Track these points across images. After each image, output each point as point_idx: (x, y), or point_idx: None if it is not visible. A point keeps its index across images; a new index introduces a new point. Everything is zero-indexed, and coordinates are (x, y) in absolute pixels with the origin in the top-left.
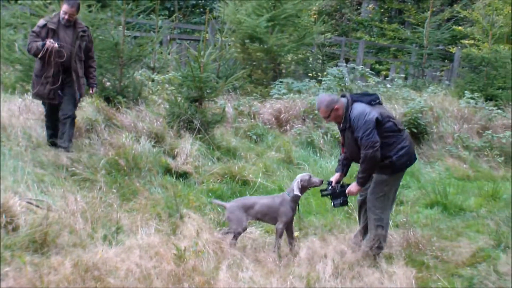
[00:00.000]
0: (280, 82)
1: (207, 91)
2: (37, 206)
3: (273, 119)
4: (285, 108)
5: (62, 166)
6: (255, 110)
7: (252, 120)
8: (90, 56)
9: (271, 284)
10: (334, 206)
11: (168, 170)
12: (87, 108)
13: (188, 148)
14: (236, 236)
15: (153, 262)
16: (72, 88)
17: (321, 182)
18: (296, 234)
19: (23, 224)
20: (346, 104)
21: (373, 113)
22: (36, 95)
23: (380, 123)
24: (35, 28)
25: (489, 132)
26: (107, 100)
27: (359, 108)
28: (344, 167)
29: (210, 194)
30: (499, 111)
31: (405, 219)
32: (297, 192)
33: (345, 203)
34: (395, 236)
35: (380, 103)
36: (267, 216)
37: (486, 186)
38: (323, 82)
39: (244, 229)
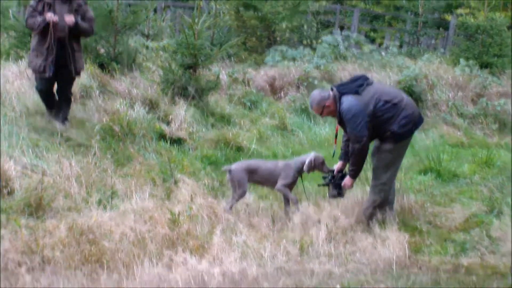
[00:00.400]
0: (275, 49)
1: (202, 58)
2: (32, 171)
3: (267, 86)
4: (280, 75)
5: (57, 132)
6: (249, 77)
7: (247, 87)
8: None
9: (265, 249)
10: (329, 196)
11: (162, 136)
12: (82, 75)
13: (182, 115)
14: (237, 201)
15: (148, 226)
16: (68, 67)
17: (329, 172)
18: None
19: (18, 188)
20: (334, 98)
21: (360, 105)
22: (31, 69)
23: (370, 111)
24: (32, 2)
25: (483, 100)
26: (102, 66)
27: (346, 102)
28: (347, 156)
29: (204, 160)
30: (494, 78)
31: (399, 185)
32: (305, 169)
33: (340, 195)
34: None
35: (369, 84)
36: (268, 181)
37: (480, 153)
38: (317, 50)
39: (244, 194)
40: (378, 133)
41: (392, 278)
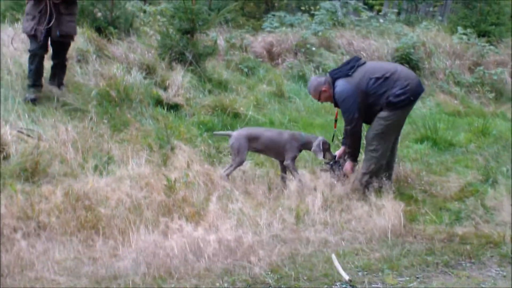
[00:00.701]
0: (273, 15)
1: (199, 23)
2: (28, 136)
3: (264, 52)
4: (277, 41)
5: (53, 96)
6: (247, 43)
7: (244, 53)
8: None
9: (261, 216)
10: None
11: (159, 102)
12: (78, 39)
13: (179, 80)
14: (234, 168)
15: (144, 193)
16: (61, 32)
17: (333, 158)
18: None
19: (14, 153)
20: (329, 83)
21: (351, 87)
22: (24, 32)
23: (362, 91)
24: None
25: (480, 68)
26: (98, 30)
27: (338, 86)
28: None
29: (201, 126)
30: (492, 47)
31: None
32: (317, 151)
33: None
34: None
35: (360, 65)
36: (270, 150)
37: (476, 122)
38: (315, 16)
39: (242, 162)
40: (375, 108)
41: (387, 246)
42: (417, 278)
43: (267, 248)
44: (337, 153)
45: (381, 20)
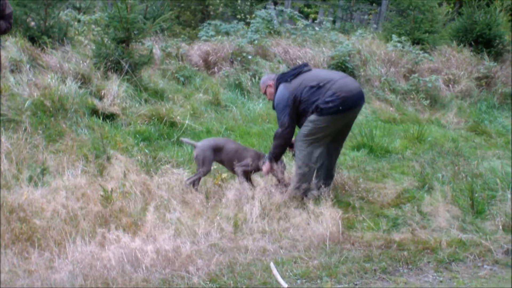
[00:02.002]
0: (208, 23)
1: (135, 32)
2: None
3: (201, 61)
4: (213, 50)
5: None
6: (183, 52)
7: (180, 62)
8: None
9: (199, 226)
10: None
11: (94, 112)
12: (11, 48)
13: (115, 90)
14: (199, 179)
15: (80, 203)
16: None
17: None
18: (224, 175)
19: None
20: (275, 83)
21: (286, 93)
22: None
23: (295, 99)
24: None
25: (415, 76)
26: (32, 40)
27: (278, 90)
28: None
29: (137, 135)
30: (426, 54)
31: None
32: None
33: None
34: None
35: (303, 72)
36: (231, 162)
37: (411, 129)
38: (251, 25)
39: (207, 172)
40: (307, 113)
41: (326, 254)
42: (356, 285)
43: (205, 258)
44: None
45: (317, 28)
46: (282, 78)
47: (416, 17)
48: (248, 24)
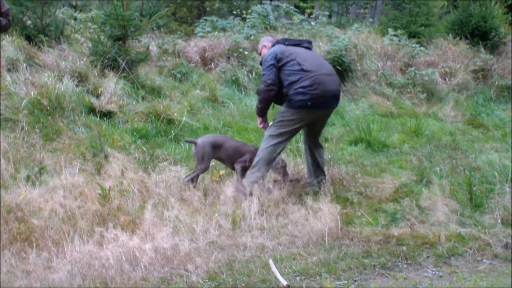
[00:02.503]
0: (205, 20)
1: (131, 29)
2: None
3: (197, 57)
4: (210, 46)
5: None
6: (179, 48)
7: (177, 59)
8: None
9: (197, 223)
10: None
11: (92, 110)
12: (8, 47)
13: (112, 87)
14: (198, 176)
15: (78, 202)
16: None
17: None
18: (221, 172)
19: None
20: (272, 44)
21: (276, 51)
22: None
23: (280, 60)
24: None
25: (412, 69)
26: (28, 38)
27: (271, 48)
28: None
29: (135, 133)
30: (422, 48)
31: (329, 156)
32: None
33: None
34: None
35: (302, 46)
36: (231, 160)
37: (408, 123)
38: (247, 20)
39: (206, 169)
40: (283, 90)
41: (324, 250)
42: (355, 281)
43: (204, 255)
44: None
45: (313, 23)
46: (281, 41)
47: (411, 10)
48: (244, 19)
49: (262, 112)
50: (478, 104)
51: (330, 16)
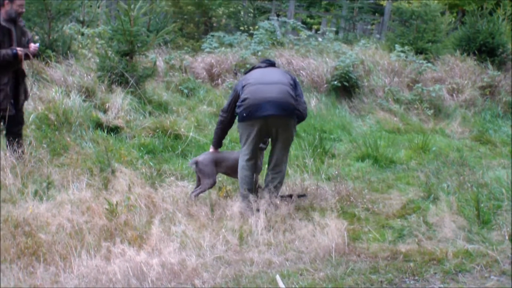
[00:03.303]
0: (212, 35)
1: (138, 45)
2: None
3: (204, 73)
4: (217, 62)
5: None
6: (186, 64)
7: (184, 74)
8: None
9: (204, 238)
10: None
11: (99, 125)
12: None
13: (119, 103)
14: (204, 191)
15: (85, 217)
16: (21, 97)
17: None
18: (228, 187)
19: None
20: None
21: (237, 85)
22: None
23: (236, 91)
24: None
25: (419, 85)
26: (36, 54)
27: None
28: None
29: (141, 148)
30: (429, 64)
31: (336, 172)
32: None
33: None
34: (327, 188)
35: (261, 67)
36: (235, 170)
37: (416, 139)
38: (254, 36)
39: (214, 184)
40: None
41: (332, 266)
42: None
43: (211, 271)
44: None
45: (320, 39)
46: (247, 72)
47: (419, 26)
48: (251, 35)
49: (215, 142)
50: (486, 120)
51: (337, 32)
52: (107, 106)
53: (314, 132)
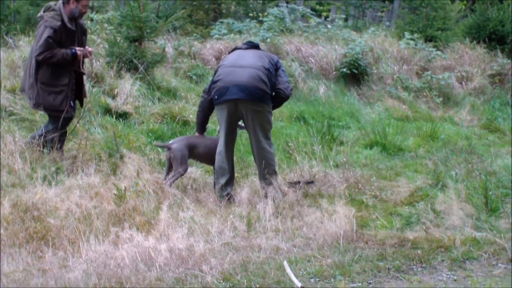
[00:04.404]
0: (221, 22)
1: (147, 31)
2: None
3: (213, 59)
4: (226, 48)
5: (0, 107)
6: (195, 50)
7: (193, 61)
8: None
9: (212, 224)
10: None
11: (108, 111)
12: (25, 48)
13: (128, 88)
14: (177, 178)
15: (94, 202)
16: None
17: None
18: (236, 175)
19: None
20: None
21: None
22: (45, 108)
23: (216, 71)
24: (51, 33)
25: (428, 73)
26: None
27: None
28: None
29: (150, 134)
30: (438, 52)
31: (344, 159)
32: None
33: None
34: (335, 175)
35: (241, 49)
36: (207, 158)
37: (424, 127)
38: (264, 23)
39: (186, 171)
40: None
41: (339, 252)
42: (369, 283)
43: (218, 256)
44: None
45: (329, 26)
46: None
47: (428, 14)
48: (260, 22)
49: (197, 125)
50: (495, 108)
51: (346, 19)
52: (116, 92)
53: (322, 119)
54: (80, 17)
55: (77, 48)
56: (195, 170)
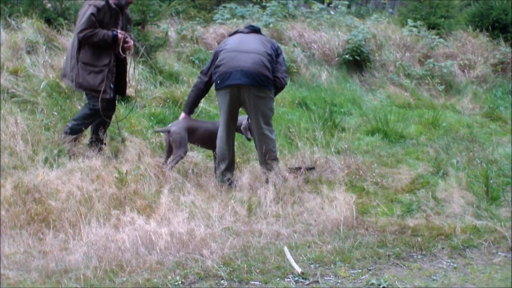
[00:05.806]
0: (224, 7)
1: (150, 14)
2: None
3: (216, 44)
4: (228, 33)
5: (2, 88)
6: (198, 35)
7: (195, 45)
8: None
9: (213, 209)
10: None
11: None
12: (28, 30)
13: (130, 72)
14: (177, 162)
15: (95, 185)
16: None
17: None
18: (237, 160)
19: None
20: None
21: (218, 47)
22: (85, 88)
23: (217, 53)
24: (95, 11)
25: (430, 61)
26: (48, 21)
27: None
28: None
29: (152, 118)
30: (441, 40)
31: (346, 146)
32: (243, 131)
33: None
34: (336, 162)
35: (243, 32)
36: (206, 142)
37: (426, 114)
38: (267, 8)
39: (185, 154)
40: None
41: (339, 239)
42: (369, 270)
43: (219, 241)
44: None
45: (332, 12)
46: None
47: (431, 2)
48: (263, 7)
49: (187, 106)
50: (497, 97)
51: (349, 6)
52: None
53: (324, 106)
54: (126, 6)
55: (119, 31)
56: (197, 155)
